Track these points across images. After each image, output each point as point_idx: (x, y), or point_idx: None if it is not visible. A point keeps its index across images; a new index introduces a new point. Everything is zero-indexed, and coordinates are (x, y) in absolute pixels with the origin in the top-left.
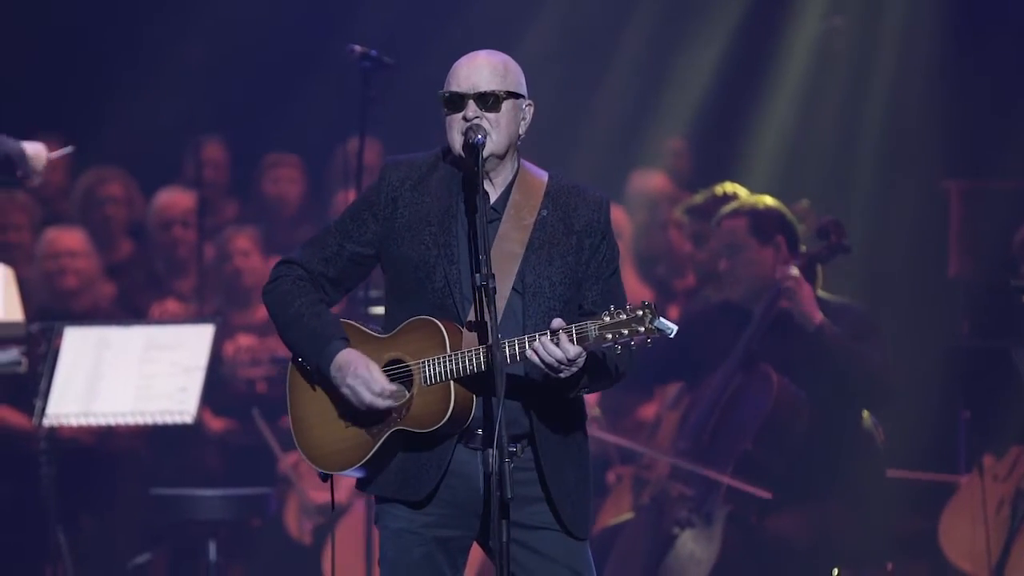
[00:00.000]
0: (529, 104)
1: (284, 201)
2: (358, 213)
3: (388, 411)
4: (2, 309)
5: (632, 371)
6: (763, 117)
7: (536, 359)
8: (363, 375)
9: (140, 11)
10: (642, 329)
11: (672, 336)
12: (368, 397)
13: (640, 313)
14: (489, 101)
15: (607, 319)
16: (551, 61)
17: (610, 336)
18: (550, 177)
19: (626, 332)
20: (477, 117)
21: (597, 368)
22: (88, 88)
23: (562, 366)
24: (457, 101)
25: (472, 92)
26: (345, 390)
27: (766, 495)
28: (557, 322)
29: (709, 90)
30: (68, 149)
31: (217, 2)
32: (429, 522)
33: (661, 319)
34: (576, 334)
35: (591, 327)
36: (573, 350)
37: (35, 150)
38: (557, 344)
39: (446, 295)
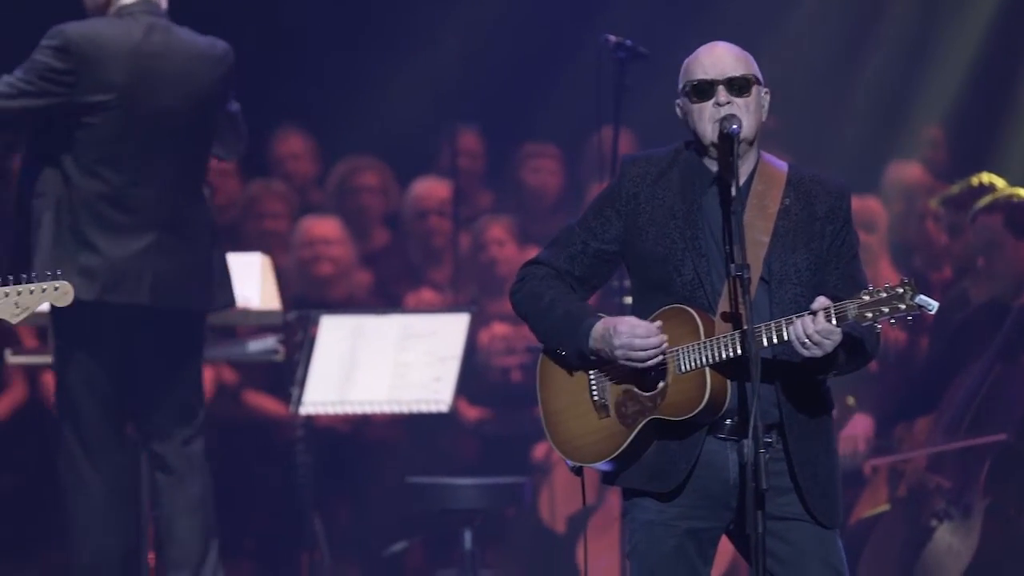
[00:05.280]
0: (767, 92)
1: (543, 191)
2: (600, 210)
3: (643, 400)
4: (259, 298)
5: (876, 355)
6: (1021, 106)
7: (795, 339)
8: (624, 330)
9: (397, 1)
10: (903, 306)
11: (932, 312)
12: (640, 342)
13: (901, 290)
14: (739, 86)
15: (866, 297)
16: (807, 52)
17: (870, 314)
18: (790, 167)
19: (886, 310)
20: (729, 103)
21: (852, 349)
22: (344, 78)
23: (821, 346)
24: (706, 89)
25: (722, 78)
26: (619, 353)
27: None
28: (820, 301)
29: (966, 80)
30: None
31: None
32: (679, 514)
33: (922, 295)
34: (835, 314)
35: (851, 306)
36: (832, 330)
37: None
38: (816, 323)
39: (696, 287)
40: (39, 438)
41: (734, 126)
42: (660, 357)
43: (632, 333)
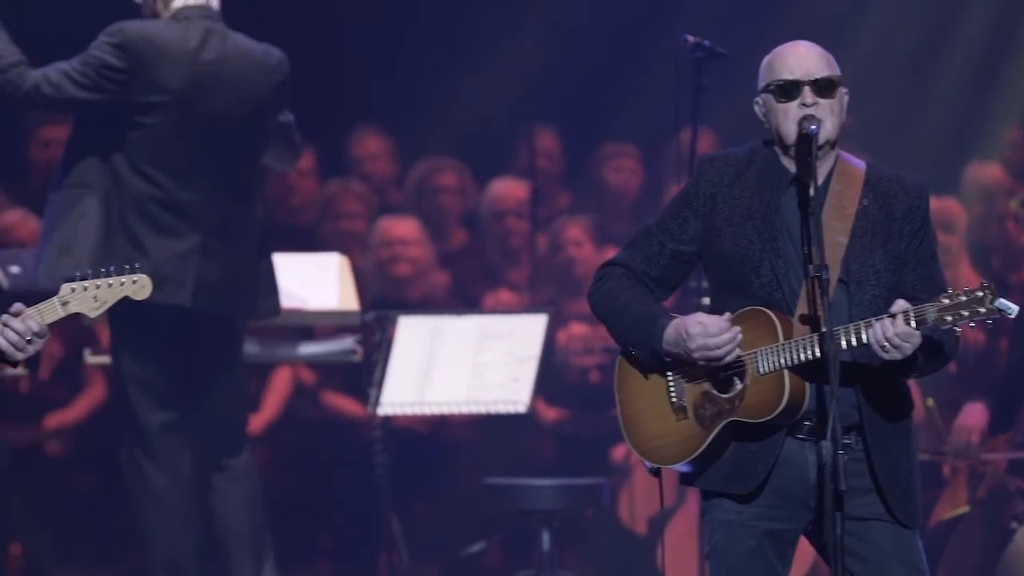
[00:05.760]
0: (846, 92)
1: (624, 191)
2: (678, 211)
3: (721, 402)
4: (338, 298)
5: (955, 356)
6: None
7: (875, 342)
8: (696, 332)
9: (475, 1)
10: (982, 310)
11: (1012, 316)
12: (714, 340)
13: (980, 294)
14: (824, 87)
15: (946, 301)
16: (885, 52)
17: (949, 318)
18: (868, 166)
19: (966, 313)
20: (815, 104)
21: (931, 351)
22: (421, 78)
23: (900, 349)
24: (791, 89)
25: (807, 79)
26: (696, 355)
27: None
28: (899, 304)
29: None
30: None
31: None
32: (758, 514)
33: (1001, 299)
34: (915, 317)
35: (930, 309)
36: (912, 333)
37: None
38: (896, 326)
39: (774, 288)
40: (118, 438)
41: (813, 126)
42: (737, 351)
43: (705, 333)
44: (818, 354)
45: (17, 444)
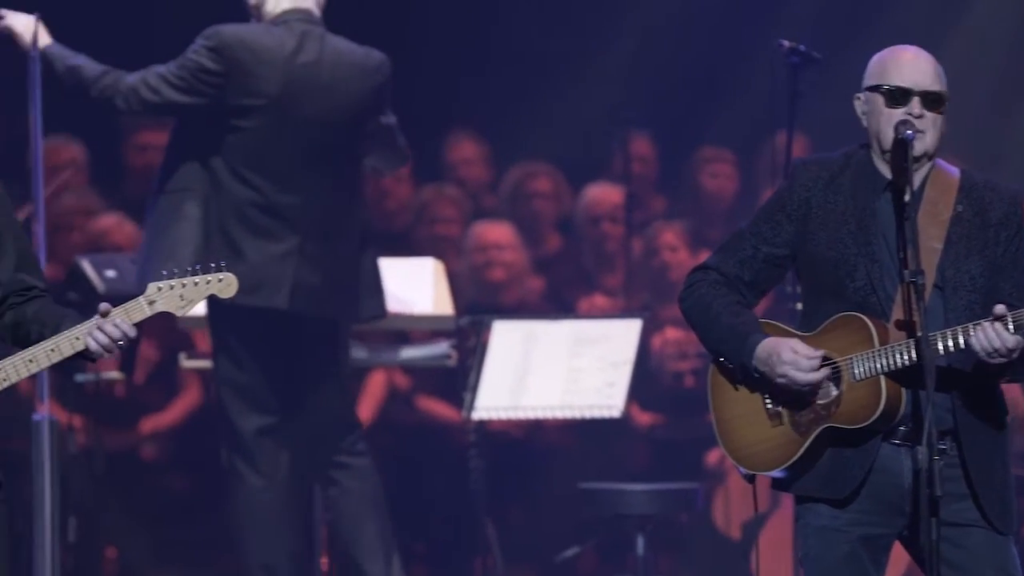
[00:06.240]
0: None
1: (720, 196)
2: (771, 215)
3: (817, 408)
4: (432, 303)
5: None
6: None
7: (976, 346)
8: (789, 360)
9: (572, 5)
10: None
11: None
12: (803, 377)
13: None
14: (933, 100)
15: None
16: (981, 58)
17: None
18: (962, 173)
19: None
20: (922, 116)
21: None
22: (517, 83)
23: (1000, 354)
24: (901, 96)
25: (919, 89)
26: (780, 380)
27: None
28: (1000, 308)
29: None
30: None
31: None
32: (852, 519)
33: None
34: (1013, 321)
35: None
36: (1012, 339)
37: None
38: (996, 331)
39: (868, 293)
40: (213, 441)
41: (909, 132)
42: (819, 377)
43: (795, 365)
44: (914, 359)
45: (113, 448)
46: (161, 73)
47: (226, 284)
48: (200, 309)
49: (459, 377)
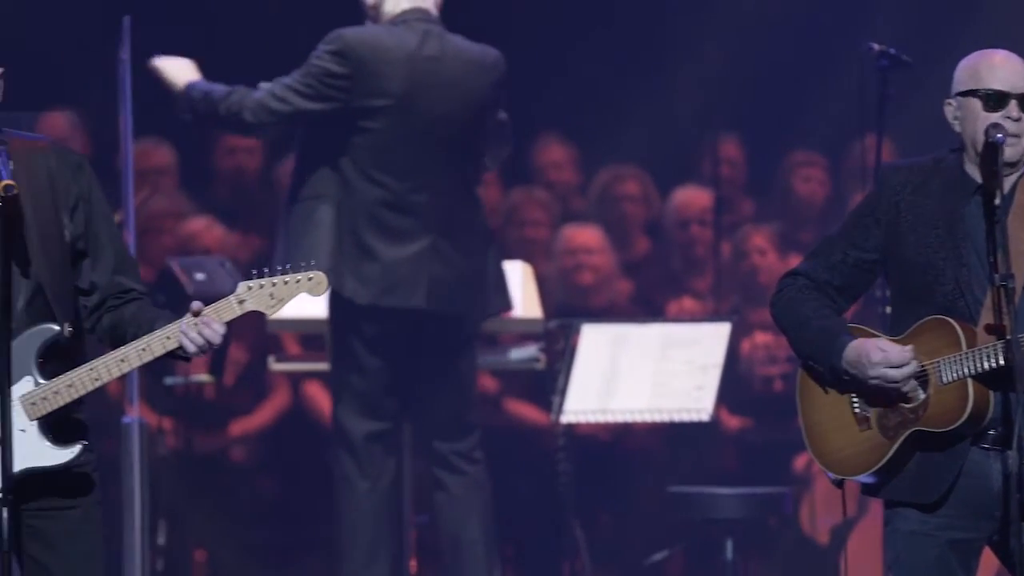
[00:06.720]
0: None
1: (811, 200)
2: (860, 219)
3: (905, 412)
4: (521, 306)
5: None
6: None
7: None
8: (880, 358)
9: (663, 9)
10: None
11: None
12: (897, 374)
13: None
14: None
15: None
16: None
17: None
18: None
19: None
20: (1019, 119)
21: None
22: (605, 87)
23: None
24: (998, 100)
25: (1016, 92)
26: (873, 381)
27: None
28: None
29: None
30: None
31: (737, 0)
32: (941, 524)
33: None
34: None
35: None
36: None
37: None
38: None
39: (956, 297)
40: (302, 445)
41: (999, 135)
42: (911, 371)
43: (886, 362)
44: (1002, 363)
45: (202, 450)
46: (287, 83)
47: (316, 283)
48: (304, 311)
49: (548, 380)
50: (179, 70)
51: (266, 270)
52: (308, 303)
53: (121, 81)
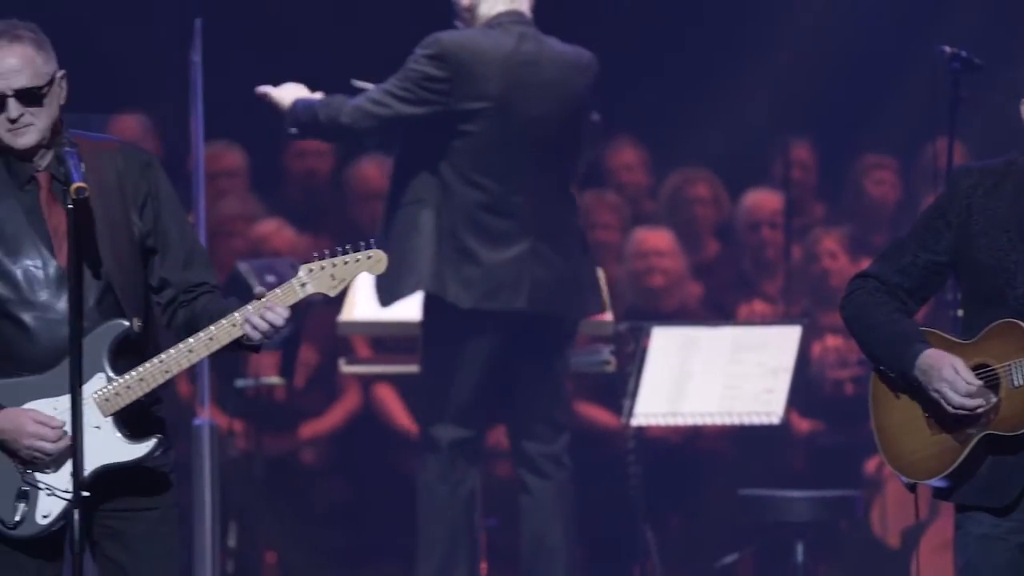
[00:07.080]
0: None
1: (884, 203)
2: (931, 222)
3: (976, 416)
4: None
5: None
6: None
7: None
8: (948, 378)
9: (733, 12)
10: None
11: None
12: (956, 400)
13: None
14: None
15: None
16: None
17: None
18: None
19: None
20: None
21: None
22: (676, 89)
23: None
24: None
25: None
26: (933, 394)
27: None
28: None
29: None
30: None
31: (808, 3)
32: (1013, 528)
33: None
34: None
35: None
36: None
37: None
38: None
39: None
40: (373, 447)
41: None
42: (973, 405)
43: (953, 385)
44: None
45: (272, 453)
46: (385, 88)
47: (375, 261)
48: (375, 314)
49: (618, 383)
50: (287, 91)
51: (327, 252)
52: (389, 307)
53: (193, 84)
